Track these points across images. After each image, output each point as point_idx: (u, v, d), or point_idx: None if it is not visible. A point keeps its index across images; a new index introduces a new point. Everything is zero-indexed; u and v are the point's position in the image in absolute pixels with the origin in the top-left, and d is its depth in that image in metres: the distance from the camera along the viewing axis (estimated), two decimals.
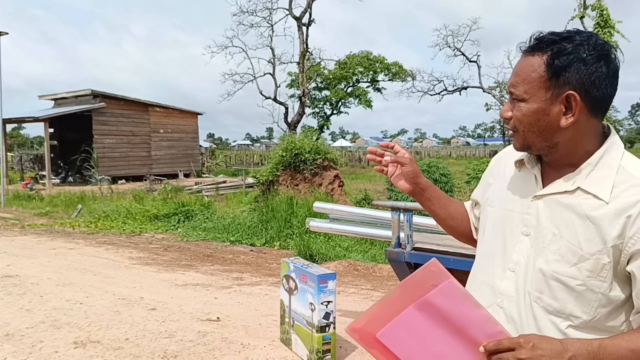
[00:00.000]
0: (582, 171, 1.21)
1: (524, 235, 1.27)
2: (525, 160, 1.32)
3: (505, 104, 1.26)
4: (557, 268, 1.19)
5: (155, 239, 9.34)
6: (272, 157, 12.08)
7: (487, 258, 1.38)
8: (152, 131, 25.21)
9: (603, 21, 15.30)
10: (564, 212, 1.20)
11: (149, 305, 4.92)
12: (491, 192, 1.44)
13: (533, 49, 1.19)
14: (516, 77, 1.21)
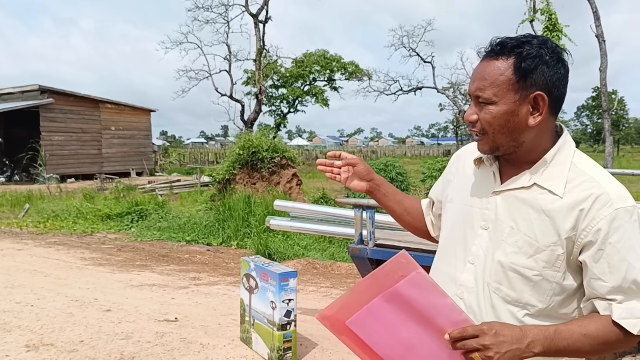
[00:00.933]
0: (538, 168, 1.28)
1: (482, 229, 1.33)
2: (484, 158, 1.38)
3: (470, 108, 1.29)
4: (515, 260, 1.26)
5: (108, 239, 9.10)
6: (229, 155, 11.96)
7: (448, 252, 1.44)
8: (103, 128, 24.52)
9: (552, 25, 15.89)
10: (521, 207, 1.27)
11: (104, 307, 4.79)
12: (451, 189, 1.49)
13: (497, 54, 1.23)
14: (482, 81, 1.24)
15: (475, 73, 1.27)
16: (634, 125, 71.96)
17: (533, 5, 16.88)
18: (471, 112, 1.28)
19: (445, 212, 1.50)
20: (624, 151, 64.43)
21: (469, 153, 1.47)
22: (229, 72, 24.72)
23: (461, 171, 1.48)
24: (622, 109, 61.97)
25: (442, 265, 1.45)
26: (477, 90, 1.25)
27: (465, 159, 1.49)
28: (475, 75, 1.26)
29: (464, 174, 1.45)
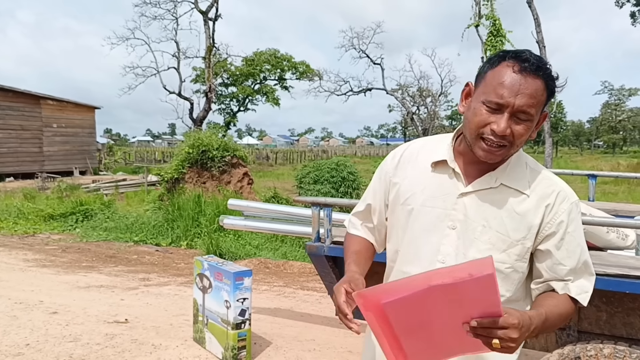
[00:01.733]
0: (503, 169, 1.37)
1: (450, 229, 1.39)
2: (448, 160, 1.41)
3: (505, 122, 1.26)
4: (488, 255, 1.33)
5: (52, 240, 8.79)
6: (178, 154, 11.76)
7: (411, 253, 1.46)
8: (44, 125, 23.54)
9: (496, 30, 16.48)
10: (492, 206, 1.36)
11: (50, 309, 4.65)
12: (402, 192, 1.48)
13: (535, 72, 1.25)
14: (532, 98, 1.25)
15: (516, 86, 1.25)
16: (571, 127, 75.38)
17: (479, 11, 17.45)
18: (507, 126, 1.26)
19: (400, 215, 1.48)
20: (562, 152, 67.38)
21: (415, 156, 1.49)
22: (178, 70, 24.31)
23: (410, 174, 1.48)
24: (560, 112, 64.79)
25: (406, 267, 1.46)
26: (526, 107, 1.25)
27: (409, 161, 1.50)
28: (519, 89, 1.24)
29: (415, 177, 1.46)
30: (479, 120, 1.29)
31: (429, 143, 1.52)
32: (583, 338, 2.23)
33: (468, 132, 1.34)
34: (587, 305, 1.72)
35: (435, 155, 1.44)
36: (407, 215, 1.45)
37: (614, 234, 2.28)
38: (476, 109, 1.30)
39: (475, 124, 1.30)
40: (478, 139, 1.31)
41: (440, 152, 1.44)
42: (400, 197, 1.48)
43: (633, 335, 2.15)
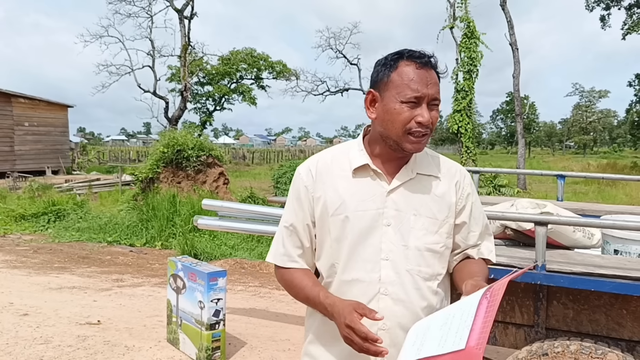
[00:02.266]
0: (413, 161, 1.50)
1: (386, 227, 1.44)
2: (369, 164, 1.47)
3: (426, 112, 1.39)
4: (426, 240, 1.46)
5: (23, 241, 8.62)
6: (152, 153, 11.61)
7: (354, 258, 1.46)
8: (16, 124, 22.97)
9: (470, 32, 16.67)
10: (416, 195, 1.47)
11: (21, 311, 4.57)
12: (329, 204, 1.48)
13: (429, 64, 1.42)
14: (436, 85, 1.41)
15: (424, 79, 1.39)
16: (544, 128, 76.76)
17: (453, 13, 17.64)
18: (429, 115, 1.40)
19: (332, 227, 1.48)
20: (534, 153, 68.63)
21: (332, 166, 1.52)
22: (153, 68, 24.04)
23: (330, 185, 1.49)
24: (533, 113, 66.00)
25: (350, 275, 1.47)
26: (436, 94, 1.41)
27: (325, 172, 1.51)
28: (427, 81, 1.39)
29: (337, 186, 1.48)
30: (404, 118, 1.39)
31: (337, 153, 1.56)
32: (551, 335, 2.28)
33: (393, 132, 1.41)
34: (555, 302, 1.81)
35: (353, 162, 1.49)
36: (342, 224, 1.46)
37: (580, 233, 2.34)
38: (396, 109, 1.39)
39: (400, 122, 1.39)
40: (405, 135, 1.40)
41: (356, 158, 1.50)
42: (329, 208, 1.48)
43: (599, 332, 2.21)
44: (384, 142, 1.47)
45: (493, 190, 15.06)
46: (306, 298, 1.49)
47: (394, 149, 1.45)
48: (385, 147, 1.47)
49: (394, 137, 1.42)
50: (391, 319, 1.43)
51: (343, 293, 1.46)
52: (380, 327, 1.42)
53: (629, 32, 26.11)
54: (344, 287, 1.47)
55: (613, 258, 2.26)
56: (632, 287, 1.97)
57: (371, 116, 1.47)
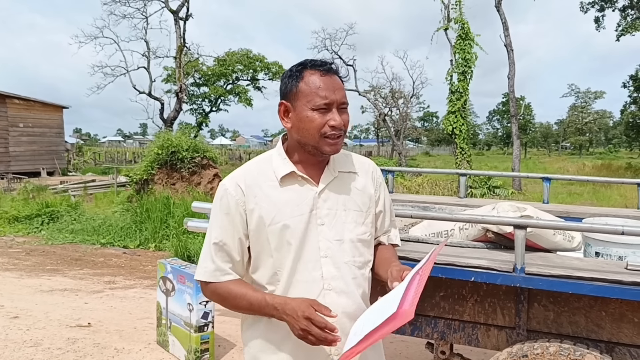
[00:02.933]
0: (332, 161, 1.61)
1: (320, 226, 1.54)
2: (295, 170, 1.55)
3: (337, 115, 1.51)
4: (358, 231, 1.59)
5: (16, 243, 8.61)
6: (147, 154, 11.63)
7: (298, 263, 1.52)
8: (10, 125, 22.94)
9: (464, 34, 16.73)
10: (342, 192, 1.60)
11: (11, 314, 4.58)
12: (265, 215, 1.51)
13: (331, 70, 1.54)
14: (342, 90, 1.53)
15: (330, 86, 1.50)
16: (540, 129, 76.94)
17: (447, 15, 17.69)
18: (340, 118, 1.51)
19: (270, 236, 1.51)
20: (530, 154, 68.75)
21: (257, 179, 1.55)
22: (148, 70, 23.98)
23: (262, 196, 1.52)
24: (529, 114, 66.13)
25: (298, 275, 1.52)
26: (343, 98, 1.53)
27: (253, 185, 1.54)
28: (334, 87, 1.50)
29: (269, 196, 1.52)
30: (318, 124, 1.49)
31: (261, 164, 1.62)
32: (532, 337, 2.30)
33: (310, 138, 1.51)
34: (536, 305, 1.89)
35: (279, 171, 1.56)
36: (280, 232, 1.51)
37: (560, 236, 2.37)
38: (309, 117, 1.49)
39: (315, 128, 1.49)
40: (322, 139, 1.50)
41: (281, 167, 1.57)
42: (266, 219, 1.51)
43: (578, 334, 2.23)
44: (303, 148, 1.56)
45: (487, 191, 15.10)
46: (249, 304, 1.50)
47: (313, 153, 1.55)
48: (304, 153, 1.57)
49: (312, 143, 1.52)
50: (337, 310, 1.48)
51: (290, 294, 1.51)
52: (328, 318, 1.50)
53: (623, 34, 26.21)
54: (292, 289, 1.52)
55: (592, 261, 2.29)
56: (609, 289, 1.99)
57: (287, 126, 1.56)
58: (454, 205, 3.63)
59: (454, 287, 2.41)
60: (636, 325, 2.13)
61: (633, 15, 26.18)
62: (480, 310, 2.38)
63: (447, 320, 2.43)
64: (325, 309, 1.38)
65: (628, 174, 24.09)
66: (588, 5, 26.66)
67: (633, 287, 1.96)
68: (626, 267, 2.07)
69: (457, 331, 2.42)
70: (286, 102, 1.54)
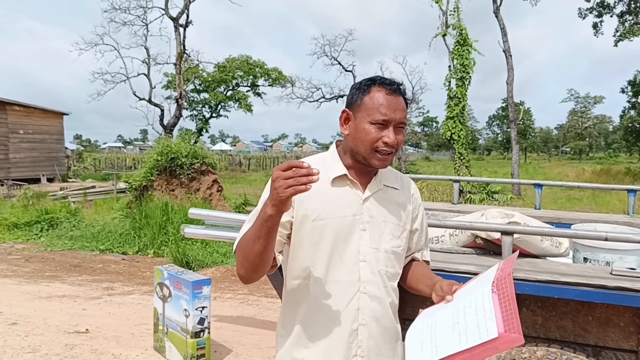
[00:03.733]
0: (380, 174, 1.67)
1: (362, 231, 1.59)
2: (347, 174, 1.61)
3: (392, 134, 1.55)
4: (394, 244, 1.64)
5: (15, 249, 8.65)
6: (147, 161, 11.67)
7: (334, 260, 1.57)
8: (10, 132, 22.99)
9: (462, 40, 16.79)
10: (384, 204, 1.65)
11: (10, 320, 4.61)
12: (311, 209, 1.54)
13: (398, 91, 1.58)
14: (403, 112, 1.58)
15: (393, 105, 1.55)
16: (540, 134, 76.99)
17: (445, 21, 17.77)
18: (395, 137, 1.55)
19: (312, 231, 1.55)
20: (530, 158, 68.79)
21: None
22: (148, 76, 24.07)
23: (311, 192, 1.42)
24: (528, 119, 66.19)
25: (334, 275, 1.57)
26: (403, 119, 1.57)
27: None
28: (395, 107, 1.55)
29: (319, 193, 1.55)
30: (372, 138, 1.54)
31: (314, 164, 1.52)
32: None
33: (362, 149, 1.57)
34: (525, 309, 1.96)
35: (332, 172, 1.62)
36: (322, 229, 1.56)
37: (547, 241, 2.40)
38: (366, 129, 1.54)
39: (369, 141, 1.54)
40: (373, 152, 1.55)
41: (334, 168, 1.63)
42: (311, 214, 1.56)
43: (566, 338, 2.26)
44: (354, 156, 1.62)
45: (486, 197, 15.14)
46: (256, 231, 1.40)
47: (362, 163, 1.61)
48: (355, 160, 1.63)
49: (363, 153, 1.57)
50: (369, 314, 1.58)
51: (325, 293, 1.57)
52: (360, 322, 1.57)
53: (621, 39, 26.31)
54: (327, 287, 1.57)
55: (578, 266, 2.33)
56: (594, 294, 2.03)
57: (345, 132, 1.62)
58: (447, 212, 3.67)
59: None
60: (622, 330, 2.17)
61: (631, 20, 26.28)
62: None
63: None
64: (300, 164, 1.31)
65: (627, 179, 24.12)
66: (586, 11, 26.77)
67: (617, 292, 1.99)
68: (611, 273, 2.11)
69: None
70: (349, 110, 1.61)
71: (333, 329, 1.56)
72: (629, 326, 2.15)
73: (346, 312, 1.56)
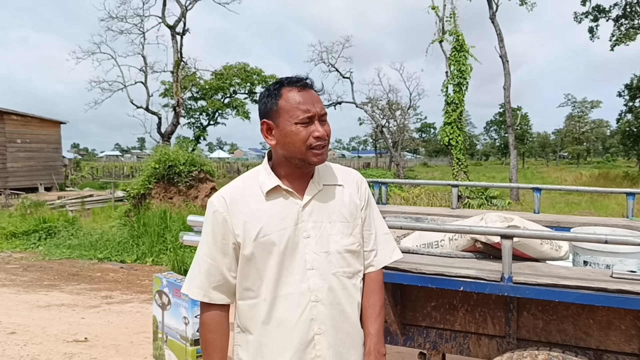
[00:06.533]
0: (317, 174, 1.65)
1: (305, 239, 1.57)
2: (281, 184, 1.59)
3: (319, 126, 1.56)
4: (344, 242, 1.62)
5: (13, 259, 8.61)
6: (144, 169, 11.66)
7: (283, 273, 1.56)
8: (8, 141, 22.98)
9: (459, 46, 16.85)
10: (327, 205, 1.62)
11: (8, 329, 4.59)
12: (251, 228, 1.55)
13: (307, 85, 1.59)
14: (321, 102, 1.59)
15: (309, 100, 1.55)
16: (537, 139, 77.17)
17: (442, 27, 17.84)
18: (322, 129, 1.57)
19: (257, 249, 1.55)
20: (528, 163, 68.90)
21: (243, 194, 1.60)
22: (145, 84, 24.07)
23: (247, 211, 1.57)
24: (526, 124, 66.34)
25: (284, 289, 1.56)
26: (323, 109, 1.58)
27: (238, 201, 1.59)
28: (312, 101, 1.56)
29: (254, 210, 1.57)
30: (303, 137, 1.53)
31: (246, 181, 1.66)
32: (522, 345, 2.32)
33: (296, 151, 1.55)
34: (525, 313, 1.96)
35: (264, 186, 1.60)
36: (265, 246, 1.55)
37: (547, 245, 2.40)
38: (293, 131, 1.54)
39: (300, 141, 1.54)
40: (308, 151, 1.55)
41: (266, 182, 1.61)
42: (252, 232, 1.55)
43: (567, 342, 2.26)
44: (289, 162, 1.60)
45: (485, 202, 15.13)
46: None
47: (300, 166, 1.59)
48: (290, 167, 1.61)
49: (299, 155, 1.56)
50: (325, 322, 1.56)
51: (277, 307, 1.55)
52: (316, 332, 1.55)
53: (618, 43, 26.43)
54: (279, 301, 1.56)
55: (578, 269, 2.32)
56: (595, 297, 2.02)
57: (271, 143, 1.60)
58: (445, 216, 3.66)
59: (444, 297, 2.44)
60: (623, 333, 2.16)
61: (627, 25, 26.41)
62: (471, 320, 2.41)
63: (439, 330, 2.46)
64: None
65: (625, 183, 24.15)
66: (582, 16, 26.88)
67: (618, 294, 1.99)
68: (611, 276, 2.10)
69: (448, 341, 2.45)
70: (268, 120, 1.59)
71: (287, 343, 1.54)
72: (630, 329, 2.15)
73: (299, 324, 1.54)
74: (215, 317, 1.60)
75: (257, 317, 1.57)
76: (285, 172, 1.62)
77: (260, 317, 1.56)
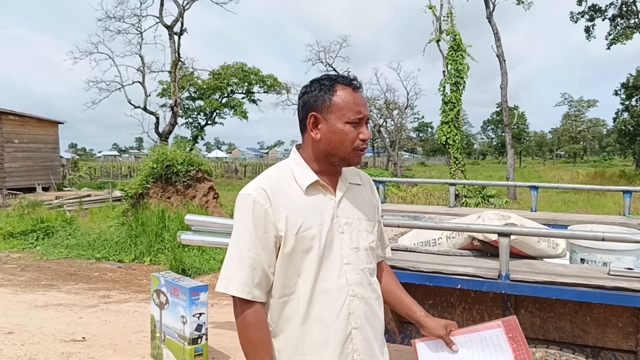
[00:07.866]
0: (343, 173, 1.68)
1: (341, 234, 1.59)
2: (320, 180, 1.59)
3: (366, 129, 1.60)
4: (370, 240, 1.67)
5: (11, 259, 8.60)
6: (142, 169, 11.63)
7: (322, 270, 1.55)
8: (5, 141, 22.91)
9: (456, 45, 16.88)
10: (354, 202, 1.66)
11: (6, 329, 4.58)
12: (292, 222, 1.52)
13: (360, 87, 1.62)
14: (366, 107, 1.61)
15: (358, 102, 1.57)
16: (534, 138, 77.28)
17: (439, 27, 17.86)
18: (368, 132, 1.62)
19: (298, 243, 1.53)
20: (525, 162, 69.01)
21: (280, 187, 1.56)
22: (143, 84, 24.02)
23: (289, 204, 1.54)
24: (522, 123, 66.47)
25: (322, 284, 1.54)
26: (368, 114, 1.62)
27: (278, 195, 1.55)
28: (364, 103, 1.59)
29: (295, 204, 1.55)
30: (352, 137, 1.55)
31: (280, 174, 1.61)
32: None
33: (341, 150, 1.56)
34: (523, 311, 1.96)
35: (304, 180, 1.58)
36: (306, 240, 1.53)
37: (544, 243, 2.41)
38: (344, 130, 1.55)
39: (349, 141, 1.55)
40: (353, 151, 1.57)
41: (305, 176, 1.59)
42: (294, 226, 1.52)
43: (564, 339, 2.27)
44: (327, 159, 1.60)
45: (482, 201, 15.15)
46: None
47: (338, 164, 1.61)
48: (326, 164, 1.61)
49: (342, 154, 1.57)
50: (360, 317, 1.58)
51: (316, 303, 1.53)
52: (353, 326, 1.56)
53: (614, 43, 26.50)
54: (317, 297, 1.53)
55: (576, 267, 2.33)
56: (592, 294, 2.03)
57: (316, 137, 1.57)
58: (443, 215, 3.67)
59: (442, 294, 2.45)
60: (620, 330, 2.17)
61: (623, 24, 26.47)
62: (468, 317, 2.42)
63: None
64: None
65: (622, 181, 24.22)
66: (578, 15, 26.94)
67: (615, 292, 2.00)
68: (608, 273, 2.11)
69: None
70: (317, 114, 1.56)
71: (328, 338, 1.53)
72: (627, 326, 2.16)
73: (339, 320, 1.54)
74: (260, 314, 1.54)
75: (292, 314, 1.54)
76: (320, 167, 1.61)
77: (297, 314, 1.53)
